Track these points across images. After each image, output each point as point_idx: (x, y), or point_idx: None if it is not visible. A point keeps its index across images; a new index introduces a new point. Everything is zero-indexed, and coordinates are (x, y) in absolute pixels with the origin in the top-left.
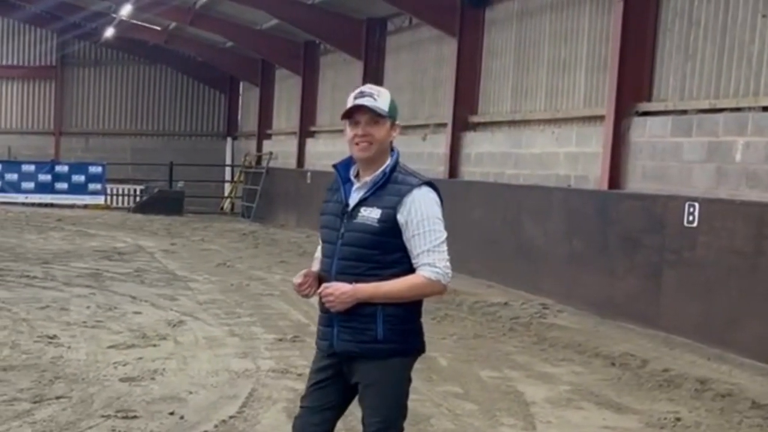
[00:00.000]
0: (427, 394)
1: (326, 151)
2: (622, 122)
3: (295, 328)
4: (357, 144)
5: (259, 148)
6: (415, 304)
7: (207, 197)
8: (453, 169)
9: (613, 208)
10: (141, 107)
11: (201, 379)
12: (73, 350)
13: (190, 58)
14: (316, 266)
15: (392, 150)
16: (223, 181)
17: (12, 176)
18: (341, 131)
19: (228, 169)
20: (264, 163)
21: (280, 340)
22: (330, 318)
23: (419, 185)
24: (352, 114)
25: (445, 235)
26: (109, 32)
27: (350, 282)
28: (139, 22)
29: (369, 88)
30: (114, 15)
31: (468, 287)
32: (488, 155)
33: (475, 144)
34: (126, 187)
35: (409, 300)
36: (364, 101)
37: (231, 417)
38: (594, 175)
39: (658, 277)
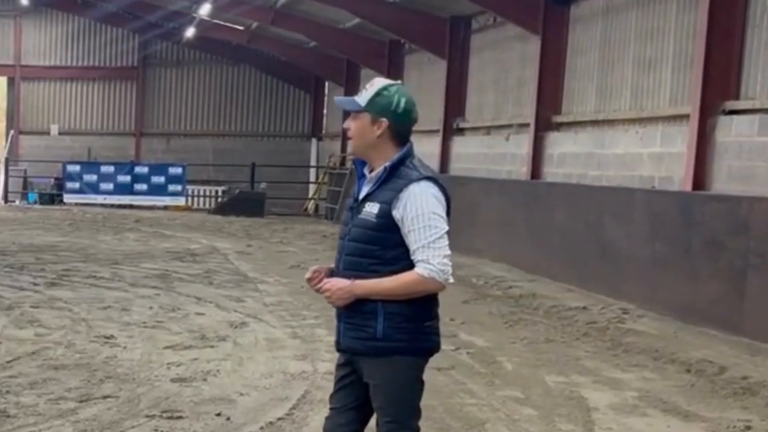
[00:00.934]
0: (486, 398)
1: None
2: (708, 121)
3: None
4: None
5: (344, 149)
6: (422, 302)
7: (290, 199)
8: (535, 171)
9: (697, 210)
10: (223, 108)
11: (254, 380)
12: (128, 350)
13: (273, 58)
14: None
15: (404, 145)
16: (307, 183)
17: (91, 177)
18: (428, 132)
19: (312, 171)
20: (348, 165)
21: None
22: (338, 314)
23: (418, 180)
24: None
25: (443, 230)
26: (190, 32)
27: (352, 278)
28: (221, 22)
29: (371, 81)
30: (194, 15)
31: (547, 291)
32: (571, 156)
33: (558, 144)
34: (207, 188)
35: (405, 297)
36: (344, 97)
37: (279, 419)
38: (678, 176)
39: (743, 281)
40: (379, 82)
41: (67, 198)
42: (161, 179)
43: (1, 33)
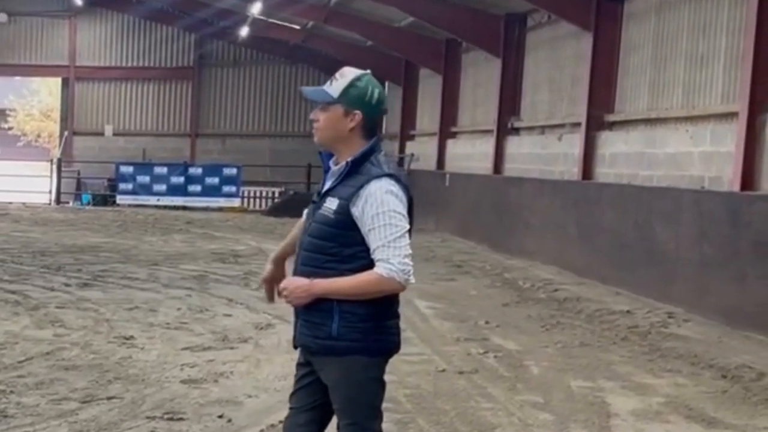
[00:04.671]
0: (504, 403)
1: (466, 153)
2: (757, 119)
3: None
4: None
5: (402, 149)
6: (380, 301)
7: None
8: (587, 171)
9: (746, 211)
10: (280, 108)
11: (267, 382)
12: (145, 351)
13: (331, 58)
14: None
15: (371, 138)
16: None
17: (144, 179)
18: (482, 132)
19: None
20: (405, 165)
21: None
22: (296, 311)
23: (379, 177)
24: None
25: (404, 229)
26: (245, 31)
27: (309, 274)
28: (276, 21)
29: (340, 71)
30: (247, 14)
31: (593, 294)
32: (622, 155)
33: (610, 144)
34: (263, 189)
35: (365, 297)
36: (311, 87)
37: (281, 422)
38: (728, 176)
39: None
40: (349, 72)
41: (120, 199)
42: (215, 180)
43: (56, 34)
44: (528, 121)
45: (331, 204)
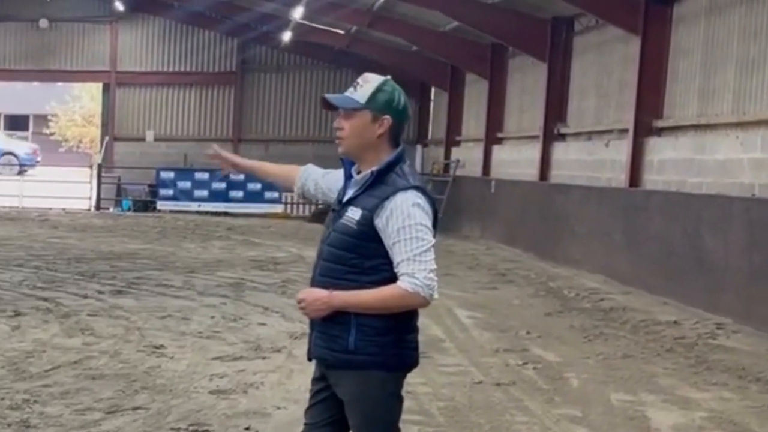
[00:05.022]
0: (540, 416)
1: (512, 159)
2: None
3: (426, 344)
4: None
5: (447, 155)
6: (399, 314)
7: None
8: (634, 178)
9: None
10: (324, 113)
11: (298, 393)
12: (175, 361)
13: (376, 63)
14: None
15: (397, 147)
16: None
17: (185, 184)
18: (529, 138)
19: None
20: (451, 171)
21: None
22: (312, 322)
23: (405, 188)
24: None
25: (430, 243)
26: (287, 36)
27: (327, 285)
28: (319, 26)
29: (362, 77)
30: (290, 18)
31: (640, 304)
32: (670, 162)
33: (658, 150)
34: None
35: (386, 311)
36: (335, 94)
37: None
38: None
39: None
40: (373, 77)
41: (161, 205)
42: (258, 186)
43: (97, 39)
44: (575, 127)
45: (354, 214)
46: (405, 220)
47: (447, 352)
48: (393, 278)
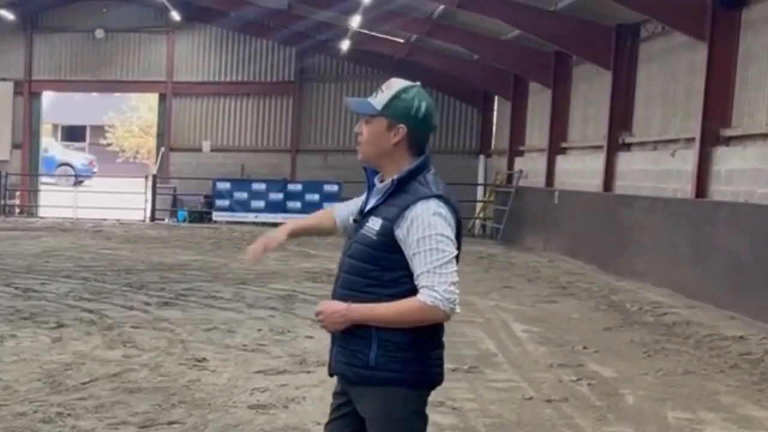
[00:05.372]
0: None
1: (576, 169)
2: None
3: (477, 358)
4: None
5: (510, 165)
6: (423, 329)
7: None
8: (701, 188)
9: None
10: None
11: None
12: (216, 374)
13: (438, 72)
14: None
15: (420, 155)
16: (474, 201)
17: (242, 195)
18: (593, 148)
19: (480, 189)
20: (513, 182)
21: (454, 370)
22: (333, 336)
23: (427, 197)
24: None
25: (451, 254)
26: (346, 45)
27: (346, 298)
28: (378, 35)
29: (387, 82)
30: (347, 27)
31: (705, 318)
32: (739, 172)
33: (725, 160)
34: None
35: (405, 325)
36: (356, 98)
37: None
38: None
39: None
40: (397, 83)
41: (217, 216)
42: (315, 197)
43: (153, 49)
44: (640, 136)
45: (374, 224)
46: (425, 230)
47: (498, 367)
48: (414, 291)
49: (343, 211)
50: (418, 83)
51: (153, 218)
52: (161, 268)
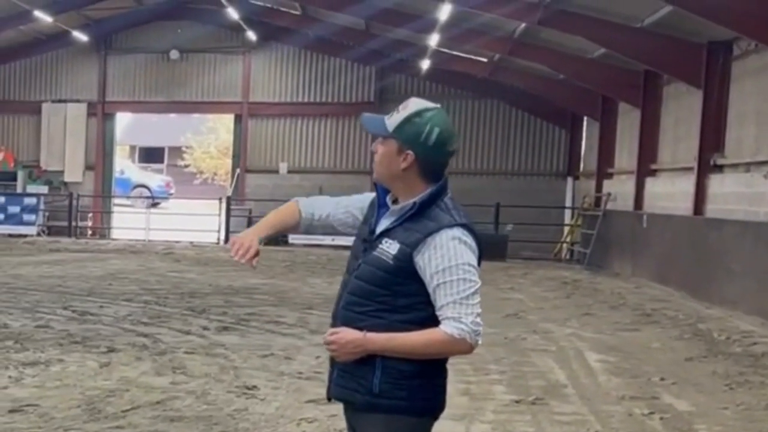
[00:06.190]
0: None
1: (666, 192)
2: None
3: (543, 389)
4: None
5: (599, 188)
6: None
7: (541, 242)
8: None
9: None
10: (467, 144)
11: None
12: (266, 403)
13: (523, 92)
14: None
15: (437, 181)
16: (561, 225)
17: None
18: (683, 169)
19: (567, 212)
20: (601, 205)
21: (518, 402)
22: (332, 359)
23: (451, 226)
24: None
25: (477, 285)
26: (426, 64)
27: (351, 321)
28: (459, 54)
29: (406, 101)
30: (426, 45)
31: None
32: None
33: None
34: None
35: (426, 357)
36: (372, 114)
37: None
38: None
39: None
40: (413, 104)
41: (293, 238)
42: None
43: (230, 70)
44: (732, 157)
45: (389, 248)
46: (451, 259)
47: (566, 399)
48: (426, 318)
49: (324, 208)
50: (437, 106)
51: (227, 240)
52: (227, 292)
